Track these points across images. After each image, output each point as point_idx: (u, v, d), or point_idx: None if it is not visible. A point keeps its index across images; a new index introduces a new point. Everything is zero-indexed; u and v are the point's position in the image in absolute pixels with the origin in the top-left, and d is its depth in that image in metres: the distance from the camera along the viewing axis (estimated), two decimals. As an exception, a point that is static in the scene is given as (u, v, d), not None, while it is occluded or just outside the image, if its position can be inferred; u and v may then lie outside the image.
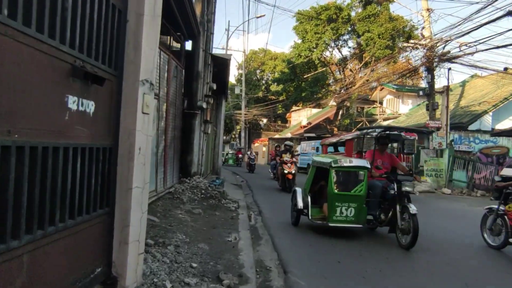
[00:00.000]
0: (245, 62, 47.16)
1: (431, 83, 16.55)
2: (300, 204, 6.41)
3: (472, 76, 26.23)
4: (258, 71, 53.18)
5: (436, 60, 16.04)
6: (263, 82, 53.19)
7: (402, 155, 9.27)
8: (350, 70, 28.22)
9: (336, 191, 5.67)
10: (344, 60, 28.43)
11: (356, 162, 5.94)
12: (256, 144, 49.20)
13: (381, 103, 29.84)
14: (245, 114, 45.30)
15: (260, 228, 6.57)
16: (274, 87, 36.63)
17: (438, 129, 16.43)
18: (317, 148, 24.07)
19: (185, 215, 6.51)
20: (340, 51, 28.19)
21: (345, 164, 5.78)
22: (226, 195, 8.81)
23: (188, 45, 9.19)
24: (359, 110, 32.03)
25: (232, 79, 61.14)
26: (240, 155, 31.46)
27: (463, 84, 24.80)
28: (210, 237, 5.34)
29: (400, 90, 27.33)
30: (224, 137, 59.50)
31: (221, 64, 9.92)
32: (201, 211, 7.00)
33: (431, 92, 16.60)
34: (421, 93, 16.88)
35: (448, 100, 16.40)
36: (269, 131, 53.12)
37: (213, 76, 10.43)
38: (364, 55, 27.16)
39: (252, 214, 7.97)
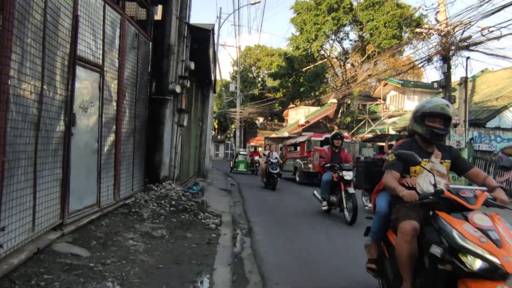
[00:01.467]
0: (240, 56, 45.14)
1: (447, 74, 14.62)
2: None
3: (482, 71, 24.46)
4: (253, 68, 51.16)
5: (453, 47, 14.11)
6: (259, 79, 51.19)
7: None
8: (352, 64, 26.27)
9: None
10: (345, 54, 26.47)
11: None
12: (251, 144, 47.16)
13: (384, 99, 27.92)
14: (240, 112, 43.29)
15: (248, 261, 4.55)
16: (270, 82, 34.59)
17: (456, 125, 14.50)
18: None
19: (138, 242, 4.48)
20: (341, 44, 26.24)
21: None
22: (206, 206, 6.79)
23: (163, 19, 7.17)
24: (360, 108, 30.07)
25: (227, 76, 59.24)
26: (256, 157, 21.16)
27: (473, 79, 22.98)
28: (165, 286, 3.32)
29: (406, 86, 25.42)
30: (219, 137, 57.50)
31: (203, 41, 7.88)
32: (165, 233, 4.97)
33: (447, 84, 14.67)
34: (435, 85, 14.97)
35: (467, 93, 14.49)
36: (265, 130, 51.13)
37: (195, 57, 8.42)
38: (367, 47, 25.21)
39: (239, 233, 5.96)
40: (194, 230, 5.45)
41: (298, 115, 46.86)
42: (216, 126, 61.21)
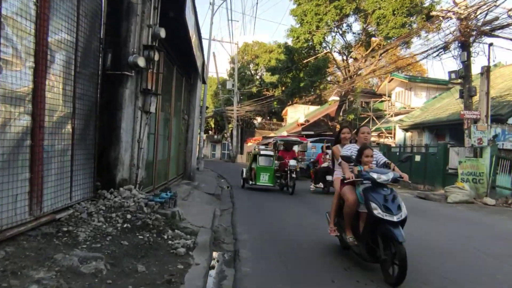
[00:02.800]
0: (237, 52, 43.52)
1: (467, 63, 12.94)
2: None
3: (495, 65, 22.82)
4: (251, 65, 49.48)
5: (474, 32, 12.45)
6: (257, 77, 49.54)
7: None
8: (355, 58, 24.59)
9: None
10: (347, 47, 24.77)
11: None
12: (249, 144, 45.48)
13: (389, 96, 26.27)
14: (237, 111, 41.61)
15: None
16: (268, 78, 32.89)
17: (476, 121, 12.84)
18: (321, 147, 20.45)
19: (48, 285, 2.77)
20: (343, 37, 24.53)
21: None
22: (179, 219, 5.08)
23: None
24: (363, 105, 28.41)
25: (224, 74, 57.58)
26: (292, 161, 11.46)
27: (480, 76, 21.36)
28: None
29: (414, 81, 23.78)
30: (215, 137, 55.80)
31: (178, 10, 6.09)
32: (102, 267, 3.25)
33: (467, 74, 13.00)
34: (453, 75, 13.31)
35: (489, 85, 12.82)
36: (263, 129, 49.46)
37: (173, 36, 6.71)
38: (372, 39, 23.51)
39: (220, 260, 4.27)
40: (152, 259, 3.74)
41: (298, 114, 45.25)
42: (213, 126, 59.53)
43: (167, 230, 4.54)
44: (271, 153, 12.29)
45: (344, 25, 24.35)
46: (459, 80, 13.64)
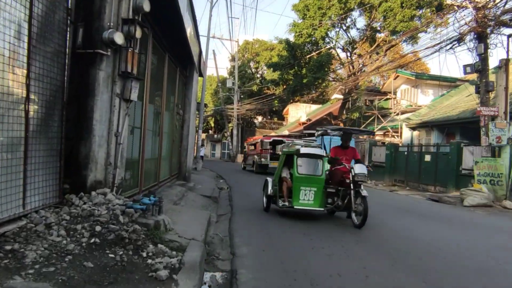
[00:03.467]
0: (237, 51, 42.66)
1: (483, 56, 12.04)
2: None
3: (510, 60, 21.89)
4: (252, 63, 48.59)
5: (492, 22, 11.55)
6: (258, 75, 48.66)
7: None
8: (359, 55, 23.70)
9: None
10: (351, 43, 23.89)
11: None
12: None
13: (394, 94, 25.34)
14: (237, 109, 40.73)
15: None
16: (269, 75, 31.94)
17: (494, 118, 11.94)
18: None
19: None
20: (347, 33, 23.64)
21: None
22: (164, 231, 4.19)
23: None
24: (367, 103, 27.47)
25: (224, 72, 56.66)
26: (357, 170, 6.41)
27: (497, 70, 20.44)
28: None
29: (420, 78, 22.85)
30: (215, 136, 54.89)
31: None
32: (48, 303, 2.37)
33: (484, 67, 12.09)
34: (468, 69, 12.42)
35: (508, 79, 11.91)
36: (264, 128, 48.58)
37: (166, 22, 5.82)
38: (377, 35, 22.66)
39: (212, 286, 3.38)
40: (122, 286, 2.85)
41: (299, 112, 44.35)
42: (213, 125, 58.65)
43: (148, 245, 3.65)
44: (319, 151, 7.04)
45: (348, 20, 23.51)
46: (475, 75, 12.73)
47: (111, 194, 4.16)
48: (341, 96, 31.04)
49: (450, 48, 12.90)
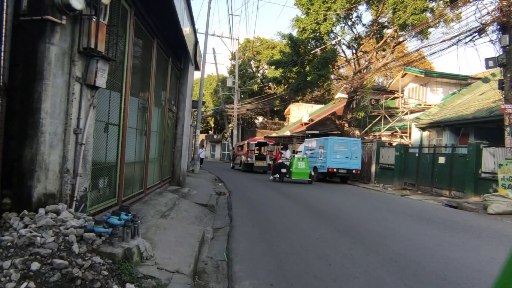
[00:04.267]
0: (237, 49, 41.64)
1: (508, 48, 10.96)
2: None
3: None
4: (253, 62, 47.54)
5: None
6: (259, 75, 47.61)
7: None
8: (364, 52, 22.62)
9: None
10: (357, 39, 22.79)
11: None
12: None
13: (401, 93, 24.25)
14: (238, 109, 39.66)
15: None
16: (271, 73, 30.84)
17: (518, 117, 10.86)
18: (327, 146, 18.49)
19: None
20: (352, 29, 22.53)
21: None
22: (136, 262, 3.11)
23: None
24: (373, 103, 26.37)
25: (224, 71, 55.54)
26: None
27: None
28: None
29: (430, 76, 21.74)
30: (215, 136, 53.78)
31: None
32: None
33: (509, 61, 11.01)
34: (491, 63, 11.35)
35: (535, 74, 10.82)
36: (265, 129, 47.52)
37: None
38: (384, 32, 21.55)
39: None
40: None
41: (301, 113, 43.27)
42: (213, 125, 57.56)
43: (111, 286, 2.58)
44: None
45: (354, 15, 22.43)
46: (498, 69, 11.65)
47: (68, 211, 3.09)
48: (345, 96, 29.98)
49: (470, 40, 11.81)
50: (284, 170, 16.28)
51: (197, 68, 10.33)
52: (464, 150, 13.44)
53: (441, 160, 14.59)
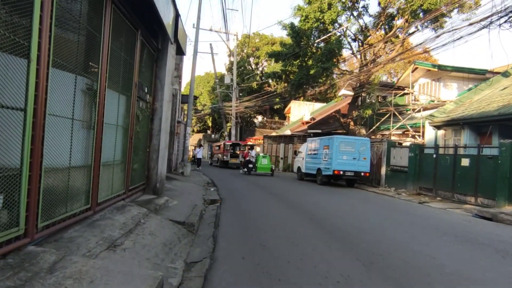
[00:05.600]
0: (237, 45, 39.86)
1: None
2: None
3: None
4: (252, 59, 45.73)
5: None
6: (258, 72, 45.79)
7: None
8: (370, 45, 20.83)
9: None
10: (363, 31, 21.00)
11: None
12: (248, 143, 41.70)
13: (412, 88, 22.43)
14: (236, 107, 37.87)
15: None
16: (270, 68, 29.02)
17: None
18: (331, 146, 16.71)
19: None
20: (358, 19, 20.74)
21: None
22: None
23: None
24: (380, 100, 24.57)
25: (222, 68, 53.62)
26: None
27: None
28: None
29: (444, 69, 19.90)
30: (213, 136, 51.93)
31: None
32: None
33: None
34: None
35: None
36: (264, 128, 45.71)
37: None
38: (394, 22, 19.75)
39: None
40: None
41: (302, 111, 41.45)
42: (210, 124, 55.73)
43: None
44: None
45: (360, 4, 20.62)
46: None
47: None
48: (350, 93, 28.17)
49: (506, 21, 10.01)
50: (251, 165, 21.49)
51: (180, 51, 8.52)
52: (493, 151, 11.66)
53: (465, 162, 12.80)
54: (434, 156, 14.64)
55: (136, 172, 6.59)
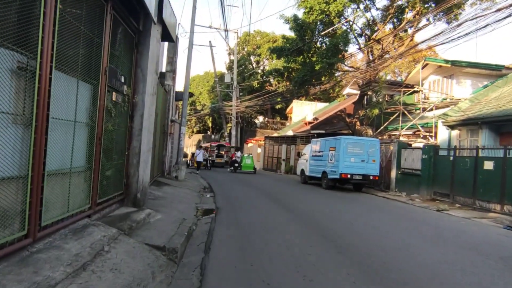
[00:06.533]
0: (237, 43, 38.66)
1: None
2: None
3: None
4: (252, 57, 44.47)
5: None
6: (259, 71, 44.53)
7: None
8: (377, 40, 19.59)
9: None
10: (371, 25, 19.77)
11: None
12: (249, 144, 40.46)
13: (421, 86, 21.17)
14: (236, 107, 36.63)
15: None
16: (272, 65, 27.77)
17: None
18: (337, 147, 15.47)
19: None
20: (365, 12, 19.50)
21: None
22: None
23: None
24: (387, 99, 23.32)
25: (222, 67, 52.48)
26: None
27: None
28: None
29: (459, 65, 18.63)
30: (213, 137, 50.65)
31: None
32: None
33: None
34: None
35: None
36: (265, 129, 44.44)
37: None
38: (405, 13, 18.50)
39: None
40: None
41: (304, 111, 40.12)
42: (210, 125, 54.48)
43: None
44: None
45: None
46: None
47: None
48: (355, 91, 26.93)
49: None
50: (236, 165, 25.03)
51: (169, 37, 7.27)
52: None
53: (488, 165, 11.54)
54: (451, 158, 13.38)
55: (109, 181, 5.34)
